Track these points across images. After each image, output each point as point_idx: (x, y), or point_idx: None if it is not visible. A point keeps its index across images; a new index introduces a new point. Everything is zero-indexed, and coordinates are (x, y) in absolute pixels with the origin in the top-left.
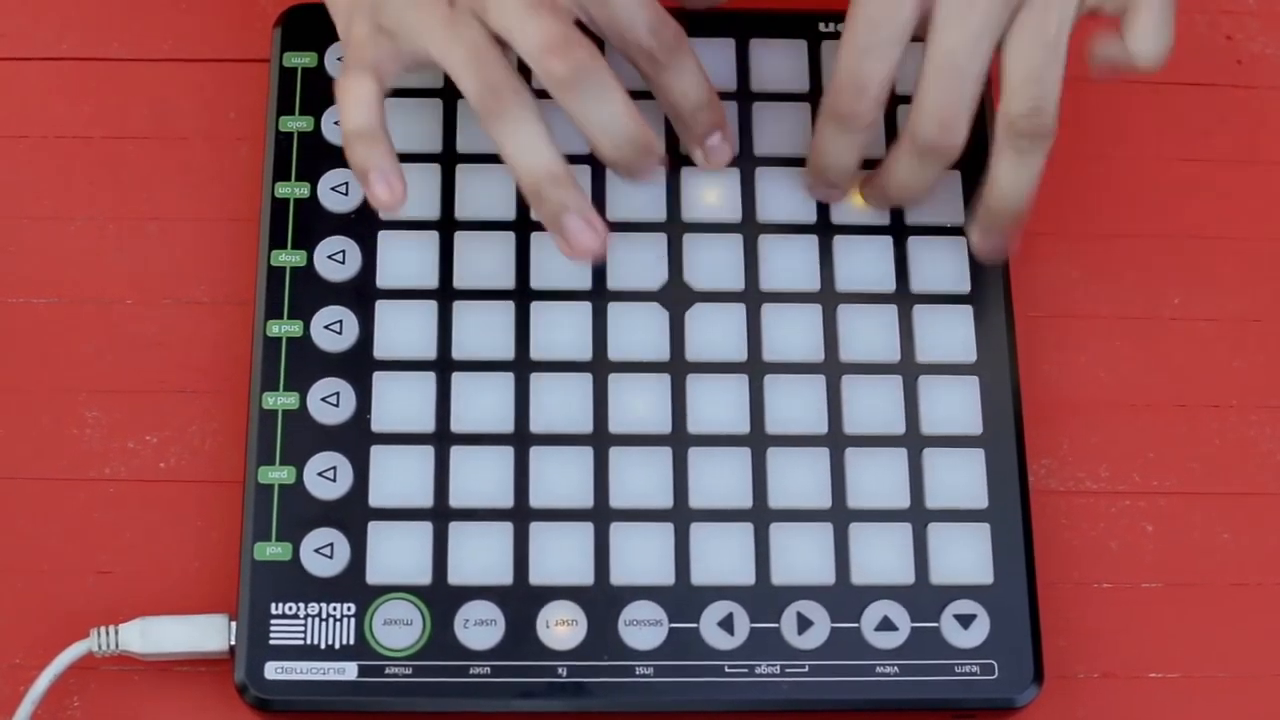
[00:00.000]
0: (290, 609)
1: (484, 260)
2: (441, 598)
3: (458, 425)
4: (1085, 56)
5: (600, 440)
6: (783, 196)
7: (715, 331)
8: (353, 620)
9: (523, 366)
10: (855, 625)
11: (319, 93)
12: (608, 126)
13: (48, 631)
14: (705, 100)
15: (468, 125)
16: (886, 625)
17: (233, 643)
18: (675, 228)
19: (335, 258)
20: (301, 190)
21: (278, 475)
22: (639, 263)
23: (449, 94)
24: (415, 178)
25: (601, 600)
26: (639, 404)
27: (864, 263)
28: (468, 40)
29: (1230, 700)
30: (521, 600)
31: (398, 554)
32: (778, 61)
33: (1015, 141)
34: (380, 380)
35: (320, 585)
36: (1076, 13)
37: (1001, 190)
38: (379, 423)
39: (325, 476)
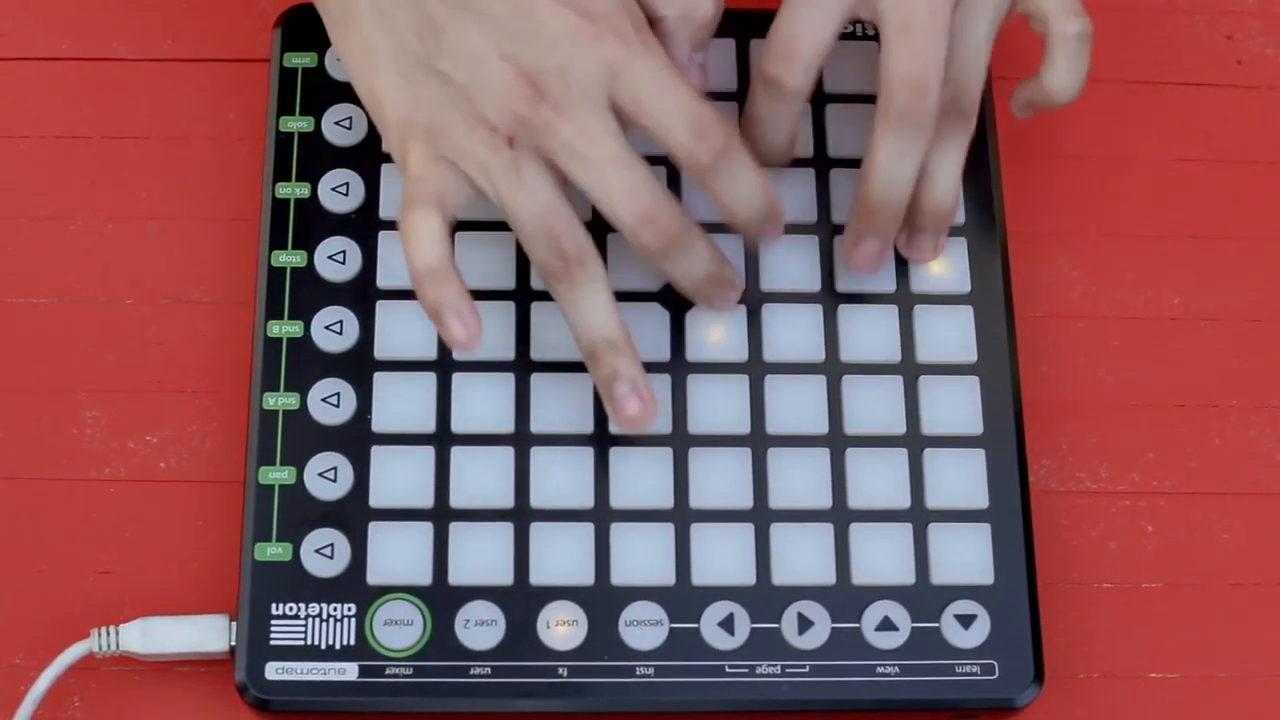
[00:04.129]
0: (290, 609)
1: (484, 260)
2: (442, 598)
3: (458, 425)
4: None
5: (600, 441)
6: (783, 197)
7: (716, 332)
8: (353, 620)
9: (523, 367)
10: (856, 625)
11: (319, 93)
12: (692, 274)
13: (48, 631)
14: (760, 210)
15: None
16: (887, 625)
17: (233, 643)
18: None
19: (335, 258)
20: (302, 190)
21: (278, 475)
22: (640, 264)
23: None
24: None
25: (602, 600)
26: None
27: None
28: (536, 198)
29: (1230, 700)
30: (522, 600)
31: (398, 554)
32: None
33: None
34: (380, 380)
35: (320, 585)
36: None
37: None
38: (379, 423)
39: (326, 477)
